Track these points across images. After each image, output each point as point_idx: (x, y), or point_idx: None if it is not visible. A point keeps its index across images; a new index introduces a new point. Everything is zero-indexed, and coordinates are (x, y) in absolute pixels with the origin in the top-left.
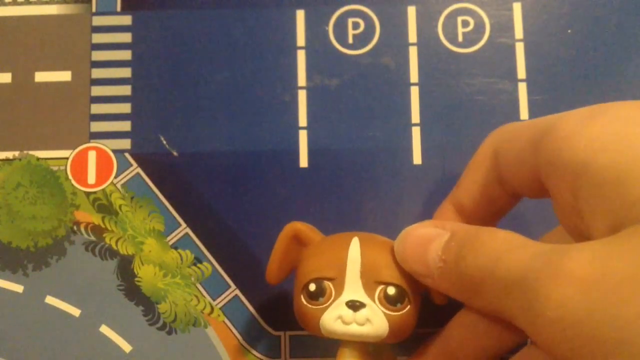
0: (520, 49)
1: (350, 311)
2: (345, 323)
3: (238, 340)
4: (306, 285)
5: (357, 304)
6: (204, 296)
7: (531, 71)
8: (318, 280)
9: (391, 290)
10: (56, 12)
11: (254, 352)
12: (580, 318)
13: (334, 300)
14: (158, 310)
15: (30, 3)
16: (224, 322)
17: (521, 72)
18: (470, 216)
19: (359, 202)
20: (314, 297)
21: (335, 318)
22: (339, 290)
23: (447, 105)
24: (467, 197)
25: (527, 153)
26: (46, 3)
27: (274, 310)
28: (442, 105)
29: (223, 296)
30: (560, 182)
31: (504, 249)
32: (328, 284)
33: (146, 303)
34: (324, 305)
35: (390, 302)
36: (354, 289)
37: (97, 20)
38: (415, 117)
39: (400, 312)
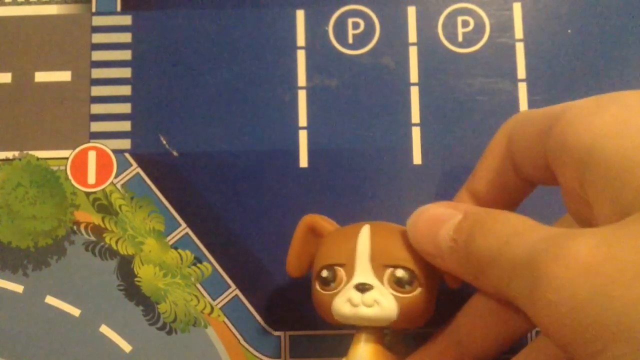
0: (520, 49)
1: (359, 293)
2: (354, 305)
3: (238, 340)
4: (319, 273)
5: (366, 286)
6: (204, 296)
7: (531, 71)
8: (330, 267)
9: (399, 273)
10: (56, 12)
11: (254, 352)
12: (583, 301)
13: (345, 285)
14: (158, 310)
15: (30, 3)
16: (224, 322)
17: (521, 72)
18: (486, 204)
19: (359, 202)
20: (326, 283)
21: (344, 301)
22: (350, 275)
23: (447, 105)
24: (483, 185)
25: (537, 140)
26: (46, 3)
27: (274, 310)
28: (442, 105)
29: (223, 296)
30: (566, 168)
31: (513, 231)
32: (339, 270)
33: (146, 303)
34: (336, 291)
35: (399, 284)
36: (363, 272)
37: (97, 20)
38: (415, 117)
39: (410, 295)
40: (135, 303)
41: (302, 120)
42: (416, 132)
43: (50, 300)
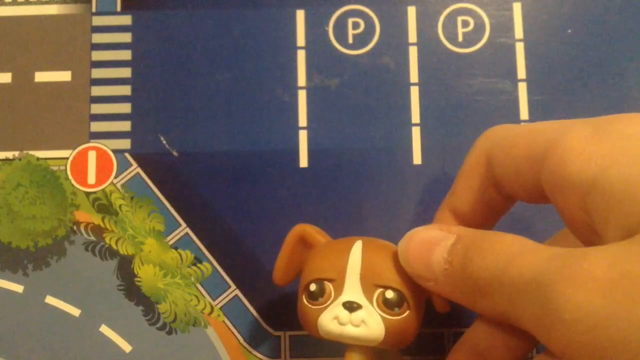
0: (520, 49)
1: (346, 312)
2: (341, 324)
3: (238, 340)
4: (307, 286)
5: (355, 305)
6: (204, 296)
7: (531, 71)
8: (319, 281)
9: (389, 294)
10: (56, 12)
11: (254, 352)
12: (602, 320)
13: (332, 301)
14: (158, 310)
15: (30, 3)
16: (224, 322)
17: (521, 72)
18: (468, 221)
19: (359, 202)
20: (313, 297)
21: (331, 318)
22: (339, 291)
23: (447, 105)
24: (463, 203)
25: (527, 164)
26: (46, 3)
27: (274, 310)
28: (442, 105)
29: (223, 296)
30: (569, 199)
31: (515, 251)
32: (328, 285)
33: (146, 303)
34: (323, 306)
35: (388, 305)
36: (352, 290)
37: (97, 20)
38: (415, 117)
39: (398, 317)
40: (135, 303)
41: (302, 120)
42: (416, 132)
43: (50, 300)
